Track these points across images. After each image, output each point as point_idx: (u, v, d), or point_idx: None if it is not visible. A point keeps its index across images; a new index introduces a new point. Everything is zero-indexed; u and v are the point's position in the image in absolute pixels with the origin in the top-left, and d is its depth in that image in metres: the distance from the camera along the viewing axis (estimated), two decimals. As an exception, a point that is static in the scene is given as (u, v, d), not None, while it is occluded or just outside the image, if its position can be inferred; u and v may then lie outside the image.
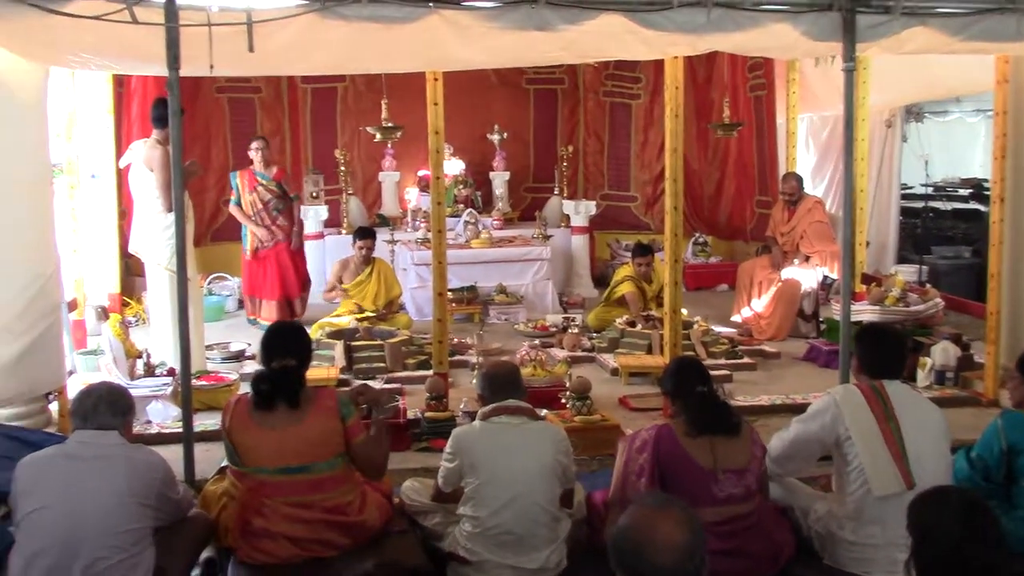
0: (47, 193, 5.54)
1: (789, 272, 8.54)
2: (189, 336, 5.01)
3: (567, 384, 5.90)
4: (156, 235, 6.94)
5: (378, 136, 9.07)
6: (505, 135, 11.66)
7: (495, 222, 10.79)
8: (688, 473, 3.59)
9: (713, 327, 7.94)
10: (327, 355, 7.21)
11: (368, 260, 8.56)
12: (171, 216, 6.78)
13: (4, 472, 4.63)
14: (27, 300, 5.33)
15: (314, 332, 8.05)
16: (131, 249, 7.27)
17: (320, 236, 10.61)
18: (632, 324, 7.86)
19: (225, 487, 3.88)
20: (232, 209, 9.01)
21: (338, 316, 8.39)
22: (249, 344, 7.94)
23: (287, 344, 3.90)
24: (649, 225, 11.99)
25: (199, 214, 10.14)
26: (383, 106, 9.69)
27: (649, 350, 7.48)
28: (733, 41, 5.28)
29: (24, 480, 3.38)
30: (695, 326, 7.66)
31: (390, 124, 9.08)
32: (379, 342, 7.36)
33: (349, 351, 7.18)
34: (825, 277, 8.57)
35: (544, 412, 6.17)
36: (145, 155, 6.96)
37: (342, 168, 10.84)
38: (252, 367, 7.33)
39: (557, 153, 11.96)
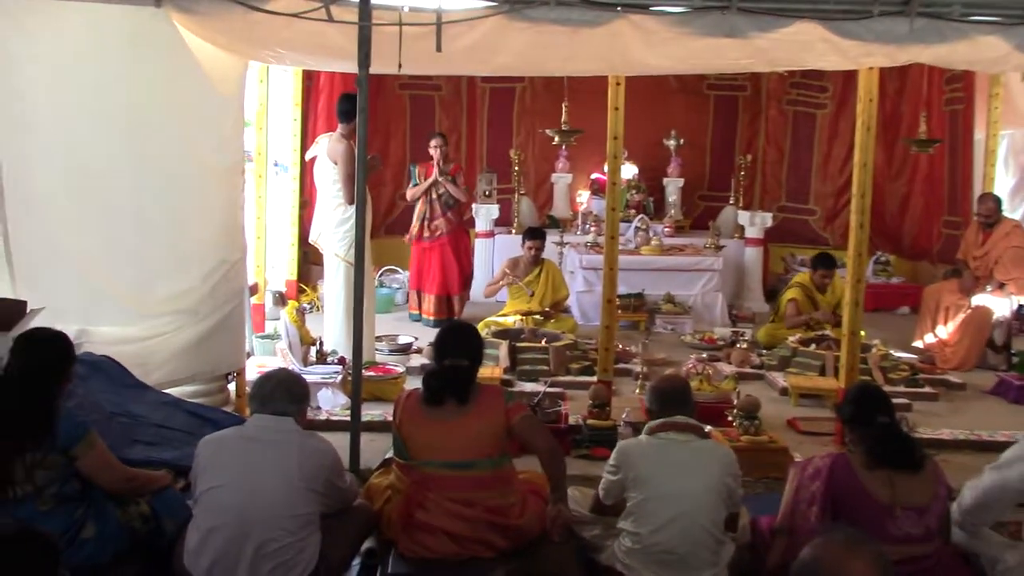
0: (239, 182, 5.79)
1: (980, 299, 8.09)
2: (362, 327, 5.14)
3: (735, 401, 5.77)
4: (336, 226, 7.18)
5: (556, 139, 9.11)
6: (682, 141, 11.52)
7: (666, 229, 10.67)
8: (863, 507, 3.44)
9: (893, 352, 7.61)
10: (491, 354, 7.29)
11: (537, 260, 8.62)
12: (352, 208, 7.07)
13: (186, 447, 4.90)
14: (214, 284, 5.59)
15: (481, 330, 8.18)
16: (311, 239, 7.54)
17: (490, 235, 10.76)
18: (806, 343, 7.61)
19: (391, 480, 3.98)
20: (409, 191, 9.20)
21: (504, 315, 8.48)
22: (416, 338, 8.13)
23: (460, 344, 3.98)
24: (828, 240, 11.59)
25: (376, 207, 10.42)
26: (563, 109, 9.72)
27: (822, 372, 7.23)
28: (935, 53, 5.03)
29: (205, 457, 3.55)
30: (873, 350, 7.36)
31: (568, 127, 9.09)
32: (544, 344, 7.39)
33: (513, 351, 7.24)
34: (1020, 307, 8.08)
35: (709, 429, 6.08)
36: (330, 148, 7.20)
37: (516, 168, 10.95)
38: (419, 361, 7.53)
39: (735, 162, 11.72)
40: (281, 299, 9.16)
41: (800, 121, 11.78)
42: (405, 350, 7.92)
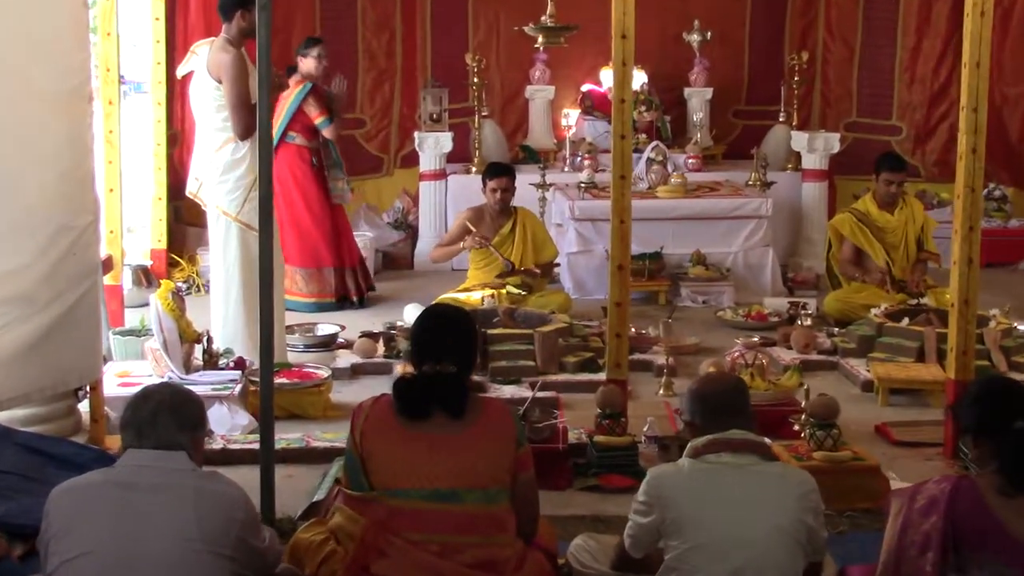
0: (85, 112, 5.71)
1: None
2: (273, 315, 5.11)
3: (802, 403, 5.80)
4: (223, 172, 7.15)
5: (539, 39, 9.09)
6: (708, 35, 11.52)
7: (691, 160, 10.70)
8: (1001, 549, 3.46)
9: (1019, 325, 7.67)
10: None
11: (507, 209, 8.61)
12: (246, 146, 7.06)
13: (24, 497, 4.88)
14: (54, 261, 5.53)
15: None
16: (189, 190, 7.50)
17: (440, 175, 10.83)
18: (896, 316, 7.66)
19: (332, 528, 3.99)
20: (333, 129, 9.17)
21: (465, 290, 8.48)
22: (342, 327, 8.12)
23: (445, 340, 4.01)
24: (918, 170, 11.71)
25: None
26: None
27: (920, 356, 7.29)
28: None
29: (61, 515, 3.50)
30: (992, 323, 7.43)
31: (554, 21, 9.08)
32: (526, 331, 7.39)
33: (483, 342, 7.22)
34: None
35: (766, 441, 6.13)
36: (211, 60, 7.14)
37: (475, 81, 10.92)
38: (348, 359, 7.53)
39: (784, 62, 11.77)
40: (145, 277, 9.11)
41: (876, 4, 11.81)
42: (328, 344, 7.94)
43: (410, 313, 8.53)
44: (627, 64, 5.97)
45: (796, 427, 5.74)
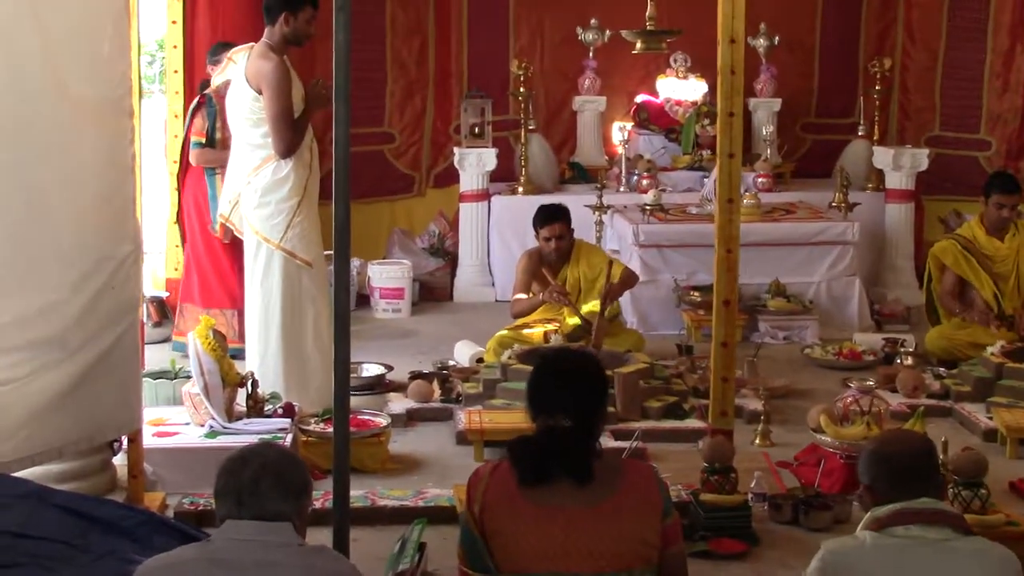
0: (126, 127, 5.53)
1: None
2: (349, 352, 4.86)
3: (939, 458, 5.59)
4: (263, 194, 6.98)
5: (639, 45, 8.91)
6: (776, 40, 11.38)
7: (761, 180, 10.55)
8: None
9: None
10: (520, 390, 7.03)
11: (563, 255, 8.35)
12: (289, 165, 6.91)
13: (66, 568, 4.66)
14: (90, 297, 5.32)
15: (491, 354, 8.04)
16: (220, 213, 7.35)
17: (484, 196, 10.64)
18: (1016, 355, 7.48)
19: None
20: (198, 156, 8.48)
21: (524, 326, 8.29)
22: (389, 367, 7.93)
23: (562, 390, 3.79)
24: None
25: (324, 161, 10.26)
26: None
27: (1048, 401, 7.12)
28: None
29: (153, 600, 3.30)
30: None
31: (654, 24, 8.89)
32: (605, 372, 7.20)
33: (556, 385, 7.03)
34: None
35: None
36: (251, 67, 6.97)
37: (520, 90, 10.74)
38: (401, 404, 7.36)
39: (859, 70, 11.66)
40: (161, 311, 8.93)
41: (962, 5, 11.66)
42: (374, 386, 7.77)
43: (461, 351, 8.37)
44: (736, 72, 5.82)
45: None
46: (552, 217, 8.32)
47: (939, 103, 11.82)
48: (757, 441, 6.90)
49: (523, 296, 8.48)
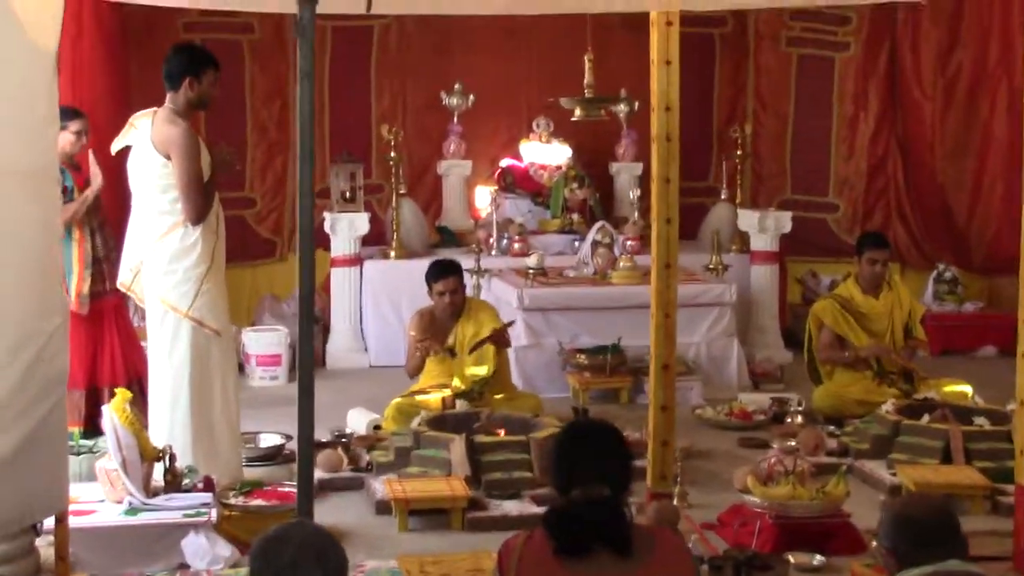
0: (55, 195, 5.32)
1: None
2: (311, 424, 4.76)
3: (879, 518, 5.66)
4: (172, 261, 6.77)
5: (577, 112, 8.92)
6: (636, 106, 11.50)
7: (629, 243, 10.61)
8: None
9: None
10: (436, 457, 7.02)
11: (456, 310, 8.32)
12: (197, 231, 6.76)
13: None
14: (21, 370, 5.08)
15: (390, 421, 7.95)
16: (121, 282, 7.11)
17: (355, 261, 10.52)
18: (911, 412, 7.64)
19: None
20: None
21: (420, 391, 8.20)
22: (288, 437, 7.72)
23: (598, 458, 3.74)
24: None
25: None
26: (586, 62, 9.89)
27: (945, 457, 7.27)
28: None
29: None
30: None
31: (592, 92, 8.97)
32: (518, 438, 7.17)
33: (473, 452, 6.98)
34: None
35: (816, 559, 5.99)
36: (157, 133, 6.77)
37: (392, 155, 10.66)
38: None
39: (714, 134, 11.96)
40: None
41: (809, 69, 12.02)
42: (274, 456, 7.56)
43: (356, 418, 8.26)
44: (672, 139, 5.88)
45: (875, 544, 5.59)
46: (446, 271, 8.36)
47: (790, 167, 12.14)
48: (675, 502, 6.90)
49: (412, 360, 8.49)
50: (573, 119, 9.46)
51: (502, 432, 7.36)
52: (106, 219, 7.96)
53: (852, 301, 8.73)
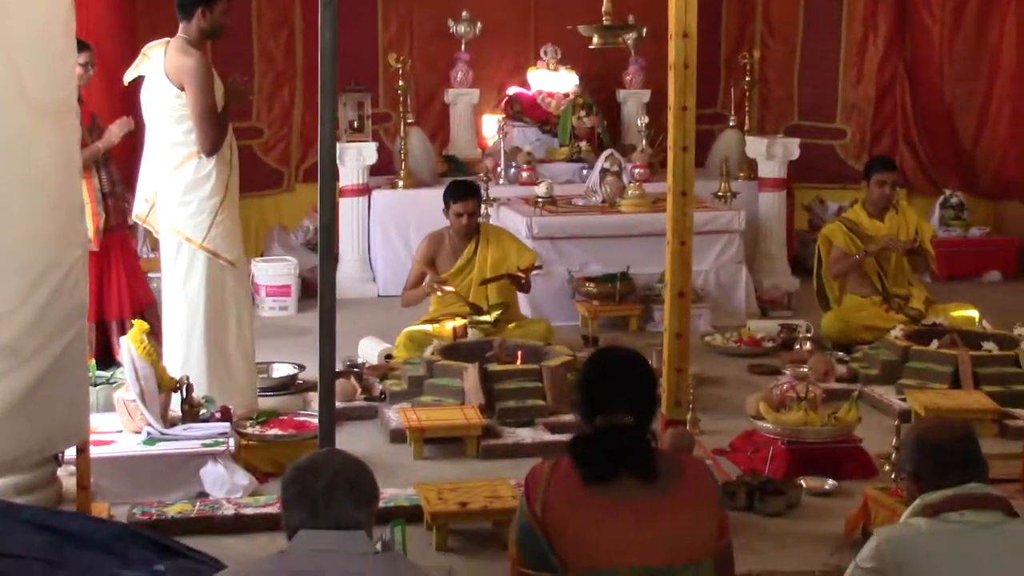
0: (74, 126, 5.34)
1: None
2: (333, 356, 4.84)
3: (892, 441, 5.73)
4: (187, 192, 6.78)
5: (595, 40, 8.90)
6: (644, 31, 11.46)
7: (637, 171, 10.60)
8: None
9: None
10: (450, 386, 7.08)
11: (471, 232, 8.36)
12: (211, 162, 6.77)
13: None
14: (41, 304, 5.11)
15: (402, 350, 7.97)
16: (136, 213, 7.13)
17: (364, 190, 10.56)
18: (919, 338, 7.69)
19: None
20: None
21: (432, 320, 8.23)
22: (302, 367, 7.79)
23: (622, 387, 3.76)
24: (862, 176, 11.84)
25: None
26: None
27: (954, 382, 7.33)
28: None
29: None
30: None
31: (610, 19, 8.96)
32: (531, 366, 7.22)
33: (486, 380, 7.03)
34: None
35: (828, 483, 6.07)
36: (171, 63, 6.76)
37: (400, 83, 10.66)
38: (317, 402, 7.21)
39: (722, 60, 11.98)
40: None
41: (816, -8, 11.98)
42: (287, 386, 7.66)
43: (367, 348, 8.30)
44: (689, 67, 5.85)
45: (885, 468, 5.68)
46: (468, 192, 8.39)
47: (797, 93, 12.12)
48: (688, 428, 6.95)
49: (413, 290, 8.49)
50: (591, 47, 9.42)
51: (519, 359, 7.43)
52: (112, 155, 7.94)
53: (859, 225, 8.74)
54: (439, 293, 8.23)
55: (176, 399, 6.45)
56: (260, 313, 9.72)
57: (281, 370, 7.80)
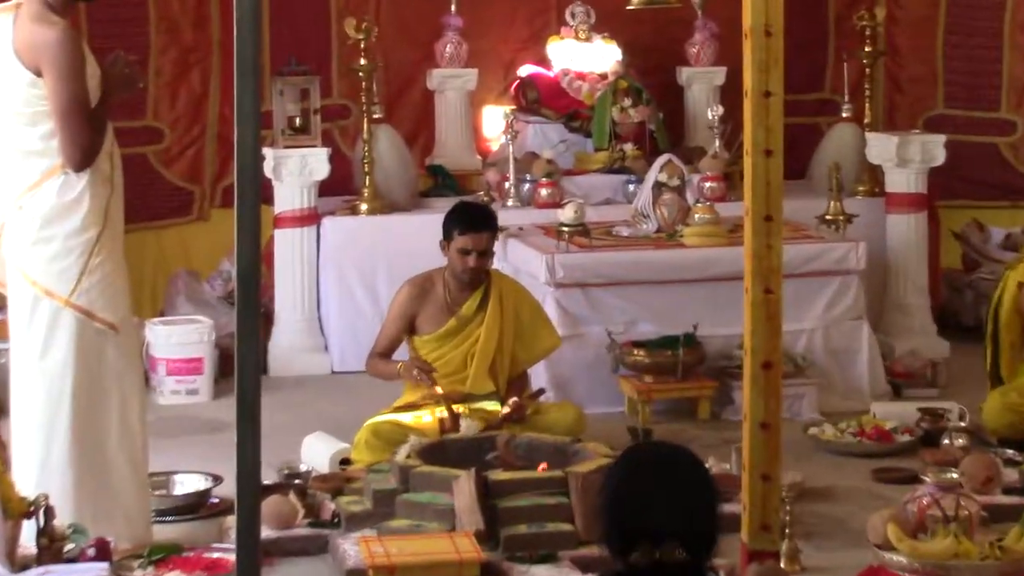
0: None
1: None
2: (257, 462, 4.78)
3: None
4: (46, 225, 6.79)
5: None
6: (714, -10, 11.57)
7: (709, 184, 10.65)
8: None
9: None
10: (433, 504, 7.11)
11: (478, 280, 8.37)
12: (83, 180, 6.81)
13: None
14: None
15: (364, 451, 8.02)
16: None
17: (311, 217, 10.61)
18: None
19: None
20: None
21: (408, 408, 8.26)
22: (218, 479, 7.81)
23: (669, 501, 3.82)
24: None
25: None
26: None
27: None
28: None
29: None
30: None
31: None
32: (553, 473, 7.25)
33: (486, 494, 7.02)
34: None
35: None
36: (23, 37, 6.79)
37: (362, 62, 10.69)
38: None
39: (831, 23, 12.07)
40: None
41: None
42: (196, 508, 7.72)
43: (315, 450, 8.34)
44: (773, 34, 5.88)
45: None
46: (483, 222, 8.45)
47: (942, 70, 12.17)
48: (783, 565, 6.94)
49: (388, 358, 8.57)
50: (630, 7, 9.43)
51: (542, 466, 7.41)
52: None
53: None
54: (416, 381, 8.28)
55: (30, 528, 6.44)
56: (157, 399, 9.79)
57: (187, 483, 7.84)
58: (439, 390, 8.19)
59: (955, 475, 7.14)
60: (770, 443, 5.98)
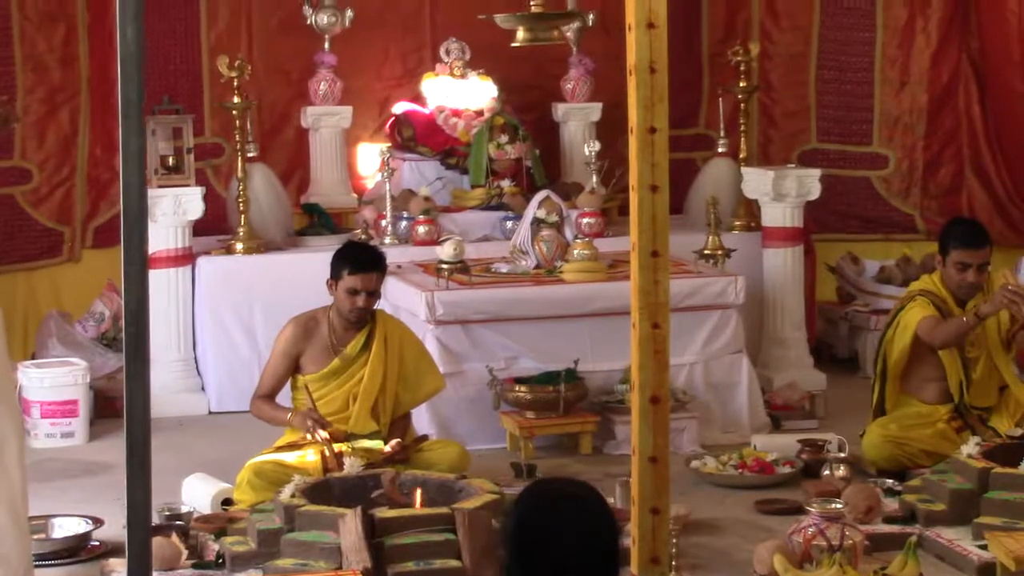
0: None
1: None
2: (148, 503, 4.79)
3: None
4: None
5: (520, 35, 8.83)
6: (591, 19, 11.56)
7: (587, 220, 10.71)
8: None
9: None
10: (319, 542, 7.09)
11: (363, 320, 8.39)
12: None
13: None
14: None
15: (247, 491, 8.00)
16: None
17: (185, 258, 10.60)
18: (1000, 456, 7.80)
19: None
20: None
21: (290, 447, 8.25)
22: (98, 522, 7.77)
23: (570, 539, 3.85)
24: (913, 221, 12.00)
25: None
26: None
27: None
28: None
29: None
30: None
31: (541, 8, 8.87)
32: (438, 510, 7.26)
33: (372, 532, 7.03)
34: None
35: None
36: None
37: (236, 100, 10.69)
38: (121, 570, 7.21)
39: (705, 58, 12.15)
40: None
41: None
42: (75, 551, 7.66)
43: (197, 490, 8.29)
44: (657, 70, 5.90)
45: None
46: (373, 263, 8.45)
47: (815, 105, 12.29)
48: (672, 597, 7.02)
49: (272, 402, 8.55)
50: (514, 44, 9.48)
51: (419, 500, 7.44)
52: None
53: (947, 307, 8.73)
54: (308, 431, 8.24)
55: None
56: (32, 443, 9.66)
57: (66, 527, 7.78)
58: (327, 436, 8.15)
59: (838, 506, 7.23)
60: (659, 477, 5.99)
